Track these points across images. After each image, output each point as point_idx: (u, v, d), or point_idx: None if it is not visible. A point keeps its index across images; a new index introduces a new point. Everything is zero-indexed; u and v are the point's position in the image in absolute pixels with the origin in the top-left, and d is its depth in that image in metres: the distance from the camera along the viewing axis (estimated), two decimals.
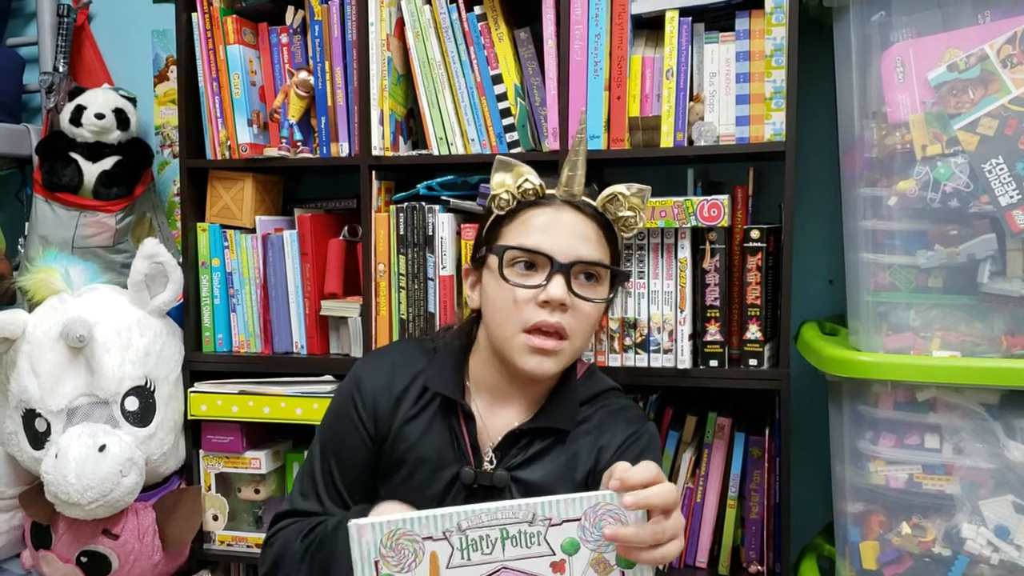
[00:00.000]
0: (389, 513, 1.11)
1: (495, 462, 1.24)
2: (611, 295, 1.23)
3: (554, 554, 0.97)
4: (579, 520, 0.96)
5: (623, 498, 0.95)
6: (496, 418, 1.27)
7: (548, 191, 1.22)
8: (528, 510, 0.96)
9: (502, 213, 1.23)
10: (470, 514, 0.96)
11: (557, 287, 1.16)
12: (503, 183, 1.22)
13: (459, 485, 1.24)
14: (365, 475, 1.30)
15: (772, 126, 1.59)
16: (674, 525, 0.96)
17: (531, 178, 1.21)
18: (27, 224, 2.10)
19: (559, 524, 0.96)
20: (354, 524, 0.96)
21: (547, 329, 1.17)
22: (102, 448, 1.71)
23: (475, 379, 1.29)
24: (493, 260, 1.22)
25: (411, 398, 1.29)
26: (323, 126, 1.83)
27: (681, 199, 1.59)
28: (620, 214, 1.22)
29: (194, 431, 1.92)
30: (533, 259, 1.19)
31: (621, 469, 0.97)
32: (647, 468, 0.97)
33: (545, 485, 1.22)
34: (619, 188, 1.22)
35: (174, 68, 2.16)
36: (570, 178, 1.21)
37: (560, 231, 1.19)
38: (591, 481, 1.23)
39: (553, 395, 1.28)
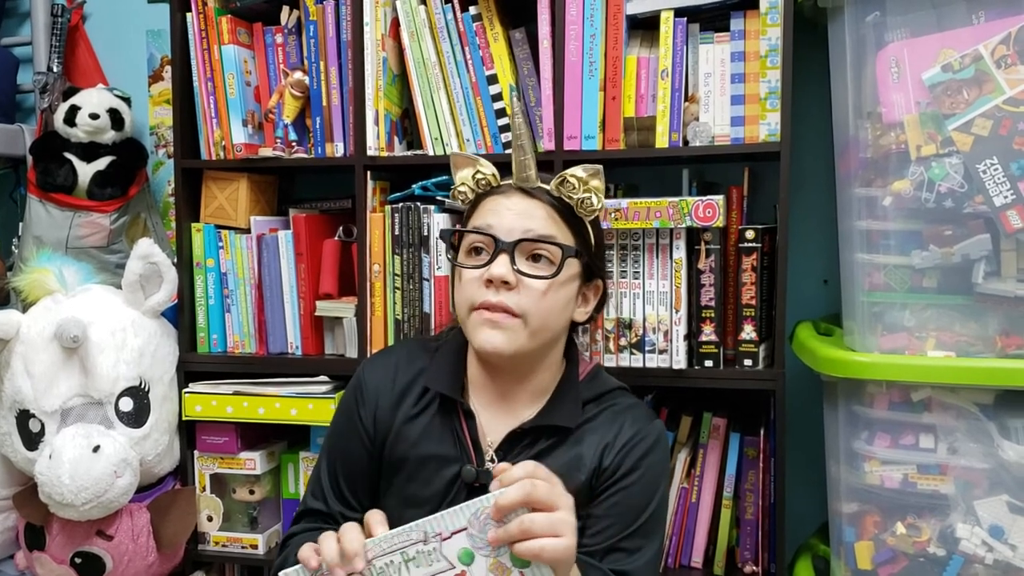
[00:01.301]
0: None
1: (496, 461, 1.23)
2: (559, 271, 1.19)
3: (454, 567, 1.00)
4: (466, 529, 0.99)
5: (491, 510, 0.98)
6: (498, 417, 1.26)
7: (504, 181, 1.25)
8: (419, 530, 0.99)
9: (465, 206, 1.28)
10: (372, 544, 1.00)
11: (498, 265, 1.17)
12: (463, 178, 1.26)
13: (460, 483, 1.24)
14: (365, 477, 1.31)
15: (767, 126, 1.59)
16: (549, 520, 0.97)
17: (483, 168, 1.24)
18: (21, 224, 2.09)
19: (449, 537, 0.99)
20: (285, 573, 1.03)
21: (493, 308, 1.18)
22: (96, 449, 1.71)
23: (473, 378, 1.30)
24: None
25: (413, 396, 1.29)
26: (318, 126, 1.82)
27: (676, 199, 1.59)
28: (576, 196, 1.22)
29: (188, 432, 1.92)
30: (480, 241, 1.21)
31: (499, 469, 1.00)
32: (521, 467, 0.99)
33: None
34: (572, 170, 1.22)
35: (169, 68, 2.16)
36: (520, 164, 1.22)
37: (507, 213, 1.21)
38: (595, 482, 1.23)
39: (555, 394, 1.27)
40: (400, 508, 1.25)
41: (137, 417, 1.80)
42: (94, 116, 1.98)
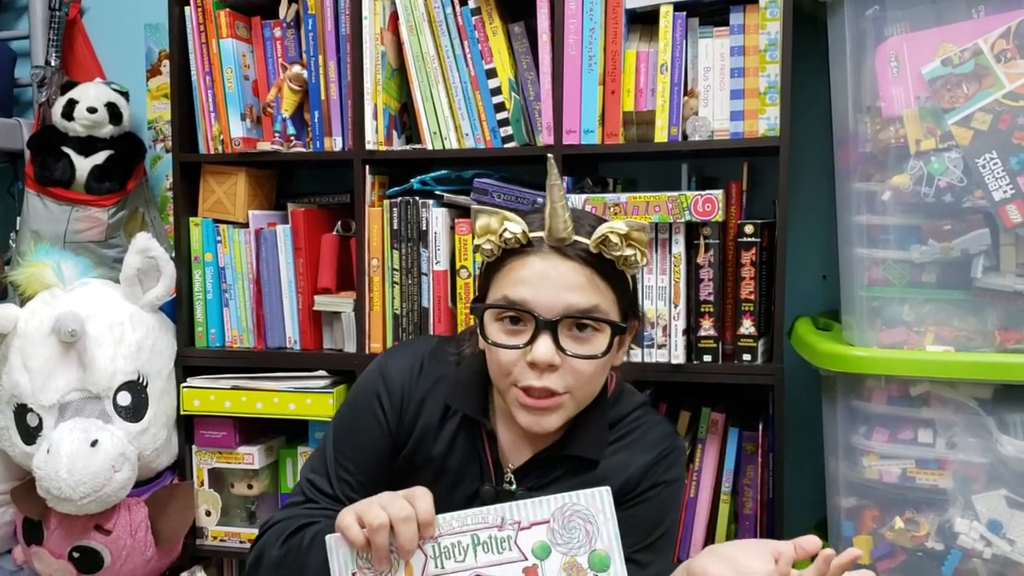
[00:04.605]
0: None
1: (515, 483, 1.20)
2: (608, 350, 1.10)
3: (526, 559, 0.96)
4: (548, 522, 0.96)
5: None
6: (519, 439, 1.22)
7: (534, 233, 1.11)
8: (497, 515, 0.96)
9: (490, 261, 1.16)
10: (441, 522, 0.96)
11: (543, 348, 1.07)
12: (487, 227, 1.14)
13: (479, 503, 1.19)
14: (382, 472, 1.23)
15: (766, 121, 1.58)
16: None
17: (511, 227, 1.11)
18: (18, 219, 2.08)
19: (528, 528, 0.96)
20: (331, 537, 0.97)
21: (537, 394, 1.10)
22: (94, 443, 1.70)
23: (497, 401, 1.23)
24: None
25: (436, 402, 1.23)
26: (316, 120, 1.82)
27: (675, 194, 1.58)
28: (617, 253, 1.11)
29: (187, 426, 1.91)
30: (518, 314, 1.10)
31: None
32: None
33: None
34: (614, 226, 1.10)
35: (167, 62, 2.15)
36: (554, 225, 1.10)
37: (545, 283, 1.09)
38: (616, 504, 1.20)
39: (580, 420, 1.20)
40: None
41: (135, 411, 1.80)
42: (92, 110, 1.98)
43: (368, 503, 0.99)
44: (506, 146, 1.71)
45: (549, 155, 1.18)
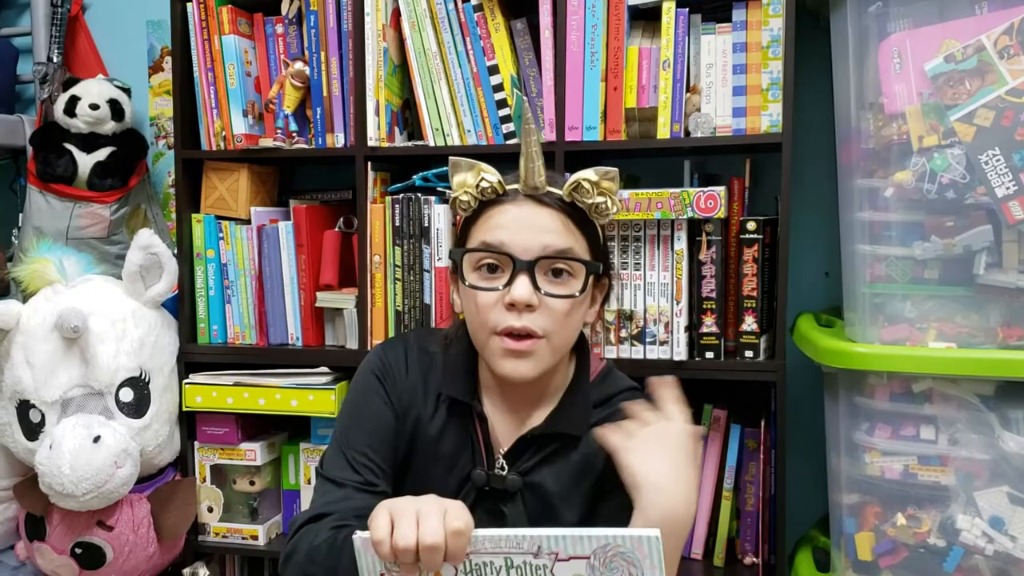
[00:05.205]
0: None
1: (506, 467, 1.21)
2: (583, 289, 1.14)
3: None
4: (588, 559, 0.94)
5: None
6: (508, 421, 1.23)
7: (510, 186, 1.16)
8: (533, 542, 0.93)
9: (467, 215, 1.19)
10: (474, 539, 0.94)
11: (521, 287, 1.10)
12: (463, 183, 1.17)
13: (470, 486, 1.21)
14: (393, 448, 1.24)
15: (769, 117, 1.58)
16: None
17: (487, 176, 1.15)
18: (21, 215, 2.08)
19: (567, 560, 0.94)
20: (359, 536, 0.95)
21: (516, 333, 1.12)
22: (97, 439, 1.71)
23: (484, 382, 1.25)
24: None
25: (427, 390, 1.25)
26: (318, 117, 1.82)
27: (677, 190, 1.58)
28: (589, 201, 1.14)
29: (189, 423, 1.92)
30: (496, 259, 1.14)
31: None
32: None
33: (556, 488, 1.19)
34: (585, 174, 1.14)
35: (169, 59, 2.15)
36: (529, 171, 1.14)
37: (521, 227, 1.13)
38: (607, 485, 1.19)
39: (565, 399, 1.23)
40: None
41: (137, 408, 1.80)
42: (94, 107, 1.98)
43: (403, 509, 0.95)
44: (508, 142, 1.70)
45: (523, 96, 1.20)
